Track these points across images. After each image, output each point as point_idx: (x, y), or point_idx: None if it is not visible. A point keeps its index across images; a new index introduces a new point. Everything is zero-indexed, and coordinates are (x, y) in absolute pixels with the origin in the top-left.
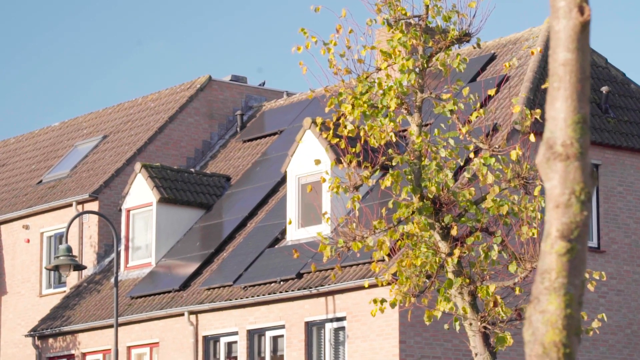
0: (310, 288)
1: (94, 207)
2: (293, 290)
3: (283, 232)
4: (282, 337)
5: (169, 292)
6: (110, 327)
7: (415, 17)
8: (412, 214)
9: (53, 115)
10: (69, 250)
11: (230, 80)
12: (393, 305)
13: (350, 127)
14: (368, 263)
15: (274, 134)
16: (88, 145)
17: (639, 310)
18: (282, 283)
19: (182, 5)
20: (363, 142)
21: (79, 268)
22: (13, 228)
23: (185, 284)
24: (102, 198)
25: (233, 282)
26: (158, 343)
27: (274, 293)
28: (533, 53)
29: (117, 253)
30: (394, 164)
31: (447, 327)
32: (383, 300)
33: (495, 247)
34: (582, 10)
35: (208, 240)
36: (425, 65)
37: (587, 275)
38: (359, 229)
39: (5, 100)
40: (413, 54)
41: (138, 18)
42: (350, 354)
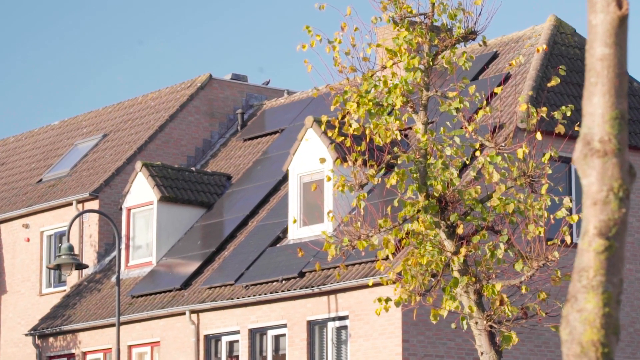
0: (313, 287)
1: (94, 206)
2: (295, 289)
3: (285, 230)
4: (284, 336)
5: (170, 291)
6: (111, 326)
7: (421, 14)
8: (417, 213)
9: (53, 114)
10: (71, 249)
11: (231, 79)
12: (398, 304)
13: (356, 125)
14: (370, 262)
15: (275, 133)
16: (88, 144)
17: None
18: (284, 282)
19: (182, 4)
20: (368, 140)
21: (81, 267)
22: (13, 227)
23: (187, 283)
24: (102, 197)
25: (235, 281)
26: (159, 342)
27: (276, 292)
28: (539, 51)
29: (118, 251)
30: (400, 162)
31: (454, 326)
32: (388, 299)
33: (502, 245)
34: (620, 4)
35: (209, 239)
36: (431, 63)
37: None
38: (364, 228)
39: (5, 100)
40: (419, 52)
41: (138, 16)
42: (353, 353)
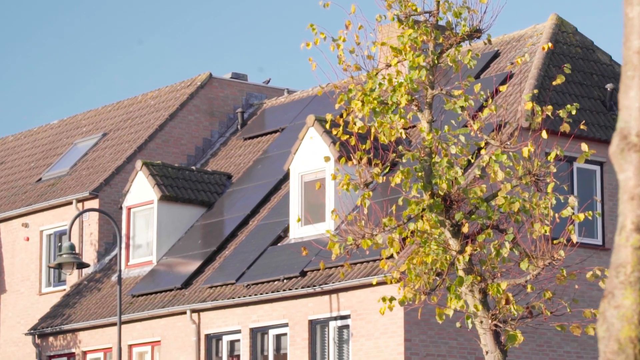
0: (314, 286)
1: (94, 205)
2: (297, 288)
3: (286, 230)
4: (285, 335)
5: (171, 290)
6: (111, 325)
7: (426, 12)
8: (422, 211)
9: (52, 113)
10: (72, 248)
11: (231, 78)
12: (402, 303)
13: (360, 123)
14: (372, 261)
15: (275, 132)
16: (88, 143)
17: None
18: (285, 281)
19: (182, 3)
20: (373, 138)
21: (82, 266)
22: (12, 226)
23: (187, 282)
24: (102, 196)
25: (236, 280)
26: (160, 341)
27: (277, 291)
28: (544, 48)
29: (120, 250)
30: (405, 161)
31: (458, 324)
32: (392, 299)
33: (507, 244)
34: None
35: (210, 238)
36: (436, 62)
37: (598, 273)
38: (369, 227)
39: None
40: (423, 51)
41: (138, 15)
42: (355, 352)
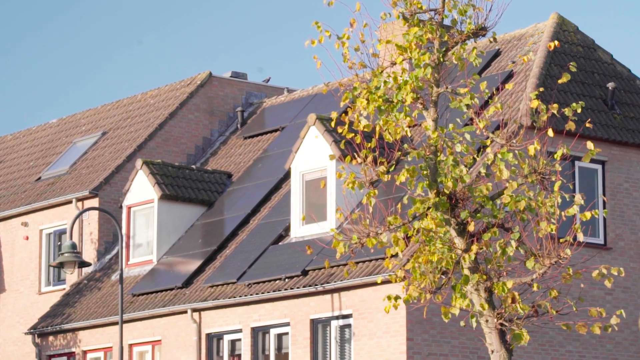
0: (316, 285)
1: (94, 204)
2: (298, 288)
3: (287, 228)
4: (286, 334)
5: (172, 289)
6: (112, 324)
7: (431, 10)
8: (427, 210)
9: (51, 112)
10: (74, 247)
11: (231, 77)
12: (407, 302)
13: (365, 122)
14: (375, 259)
15: (275, 131)
16: (87, 142)
17: None
18: (286, 280)
19: (181, 2)
20: (378, 137)
21: (83, 265)
22: (12, 225)
23: (188, 281)
24: (102, 195)
25: (237, 279)
26: (160, 341)
27: (279, 290)
28: (551, 47)
29: (121, 249)
30: (410, 159)
31: (463, 323)
32: (397, 297)
33: (513, 243)
34: None
35: (210, 237)
36: (442, 60)
37: (604, 271)
38: (373, 225)
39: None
40: (429, 49)
41: (137, 14)
42: (357, 352)
